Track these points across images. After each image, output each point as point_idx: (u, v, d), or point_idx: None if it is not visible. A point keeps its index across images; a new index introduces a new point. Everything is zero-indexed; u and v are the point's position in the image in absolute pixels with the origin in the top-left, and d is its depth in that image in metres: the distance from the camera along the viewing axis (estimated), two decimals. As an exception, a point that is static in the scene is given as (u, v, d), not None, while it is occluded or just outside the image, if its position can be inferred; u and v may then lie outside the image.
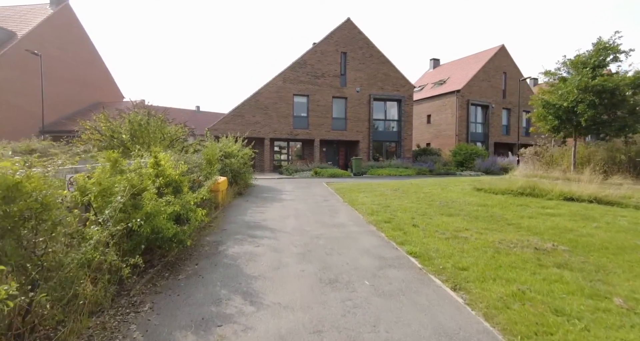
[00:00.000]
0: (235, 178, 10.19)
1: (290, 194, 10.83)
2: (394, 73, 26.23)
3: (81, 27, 26.67)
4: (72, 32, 25.58)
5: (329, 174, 18.96)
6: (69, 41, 25.17)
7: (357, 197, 9.60)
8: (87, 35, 27.17)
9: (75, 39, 25.97)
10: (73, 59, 25.44)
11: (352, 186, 12.20)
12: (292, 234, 5.80)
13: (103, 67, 28.40)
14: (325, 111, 24.61)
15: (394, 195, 9.59)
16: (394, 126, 27.07)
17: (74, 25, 25.93)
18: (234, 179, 10.13)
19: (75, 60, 25.70)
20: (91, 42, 27.58)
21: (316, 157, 24.54)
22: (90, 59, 27.22)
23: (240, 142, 12.73)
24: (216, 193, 7.86)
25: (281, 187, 12.81)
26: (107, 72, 28.87)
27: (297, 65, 24.00)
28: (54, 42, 23.73)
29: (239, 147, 11.56)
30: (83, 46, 26.63)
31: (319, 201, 9.43)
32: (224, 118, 22.94)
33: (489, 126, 30.18)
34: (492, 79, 30.27)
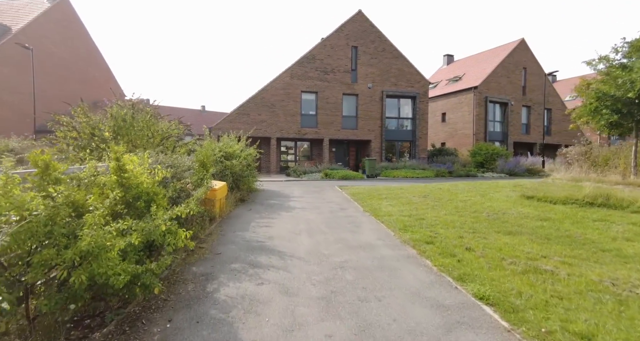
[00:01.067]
0: (236, 183, 8.82)
1: (299, 200, 9.41)
2: (408, 68, 24.69)
3: (80, 23, 25.63)
4: (71, 27, 24.54)
5: (340, 176, 17.52)
6: (67, 37, 24.12)
7: (379, 205, 8.15)
8: (86, 31, 26.13)
9: (74, 35, 24.92)
10: (72, 56, 24.40)
11: (369, 191, 10.74)
12: (308, 261, 4.37)
13: (104, 64, 27.34)
14: (335, 109, 23.18)
15: (424, 203, 8.11)
16: (408, 125, 25.51)
17: (73, 20, 24.89)
18: (235, 183, 8.75)
19: (74, 57, 24.66)
20: (91, 39, 26.54)
21: (325, 158, 23.13)
22: (90, 56, 26.17)
23: (243, 142, 11.38)
24: (212, 202, 6.48)
25: (289, 191, 11.40)
26: (108, 70, 27.81)
27: (305, 60, 22.61)
28: (51, 38, 22.69)
29: (241, 147, 10.20)
30: (82, 43, 25.59)
31: (334, 209, 7.99)
32: (228, 117, 21.64)
33: (508, 124, 28.43)
34: (512, 75, 28.52)
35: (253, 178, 10.23)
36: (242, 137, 11.60)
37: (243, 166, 9.03)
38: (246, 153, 9.72)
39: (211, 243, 5.13)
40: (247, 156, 9.62)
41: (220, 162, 8.61)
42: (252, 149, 10.81)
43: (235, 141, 10.63)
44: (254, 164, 11.16)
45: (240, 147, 10.00)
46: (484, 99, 27.37)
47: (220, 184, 7.00)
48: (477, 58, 32.12)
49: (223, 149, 9.11)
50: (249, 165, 10.02)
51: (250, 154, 10.23)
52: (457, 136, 29.44)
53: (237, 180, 8.77)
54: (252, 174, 10.53)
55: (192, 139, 9.10)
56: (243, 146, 10.92)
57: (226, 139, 10.67)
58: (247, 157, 9.59)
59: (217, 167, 8.33)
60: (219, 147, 9.11)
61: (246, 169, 9.36)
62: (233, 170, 8.58)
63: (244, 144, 11.37)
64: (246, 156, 9.58)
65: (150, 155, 4.49)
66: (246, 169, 9.36)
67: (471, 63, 32.11)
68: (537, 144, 30.10)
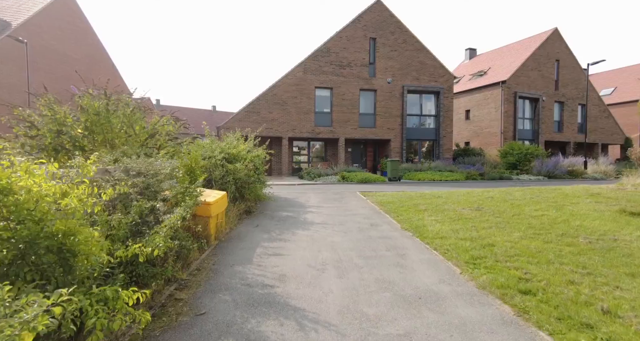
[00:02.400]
0: (241, 191, 7.18)
1: (318, 212, 7.72)
2: (431, 61, 22.73)
3: (85, 19, 24.62)
4: (74, 23, 23.51)
5: (359, 179, 15.75)
6: (70, 33, 23.10)
7: (421, 221, 6.38)
8: (91, 28, 25.11)
9: (78, 32, 23.90)
10: (75, 53, 23.37)
11: (400, 199, 8.96)
12: (344, 333, 2.66)
13: (108, 62, 26.29)
14: (351, 106, 21.43)
15: (482, 219, 6.29)
16: (431, 123, 23.55)
17: (77, 16, 23.87)
18: (239, 192, 7.12)
19: (78, 54, 23.62)
20: (96, 36, 25.51)
21: (341, 158, 21.40)
22: (94, 54, 25.12)
23: (251, 142, 9.78)
24: (205, 220, 4.85)
25: (304, 199, 9.71)
26: (114, 68, 26.75)
27: (319, 53, 20.94)
28: (53, 34, 21.67)
29: (248, 148, 8.57)
30: (86, 40, 24.55)
31: (364, 226, 6.26)
32: (237, 115, 20.14)
33: (539, 121, 26.11)
34: (543, 68, 26.19)
35: (261, 185, 8.58)
36: (250, 136, 10.00)
37: (249, 170, 7.38)
38: (253, 155, 8.08)
39: (196, 288, 3.47)
40: (254, 158, 7.98)
41: (222, 166, 6.98)
42: (260, 150, 9.18)
43: (241, 140, 9.03)
44: (262, 168, 9.53)
45: (247, 147, 8.37)
46: (512, 95, 25.15)
47: (217, 195, 5.36)
48: (503, 51, 29.83)
49: (225, 150, 7.49)
50: (257, 169, 8.38)
51: (259, 156, 8.59)
52: (482, 134, 27.28)
53: (242, 188, 7.14)
54: (261, 179, 8.89)
55: (189, 138, 7.53)
56: (250, 147, 9.31)
57: (231, 138, 9.09)
58: (254, 159, 7.94)
59: (217, 172, 6.70)
60: (221, 147, 7.49)
61: (253, 173, 7.70)
62: (237, 176, 6.94)
63: (252, 144, 9.78)
64: (253, 158, 7.94)
65: (92, 162, 2.85)
66: (253, 173, 7.70)
67: (497, 56, 29.85)
68: (570, 143, 27.67)
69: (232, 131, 10.30)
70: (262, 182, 9.10)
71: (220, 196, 5.45)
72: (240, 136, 9.25)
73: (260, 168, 9.43)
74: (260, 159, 9.40)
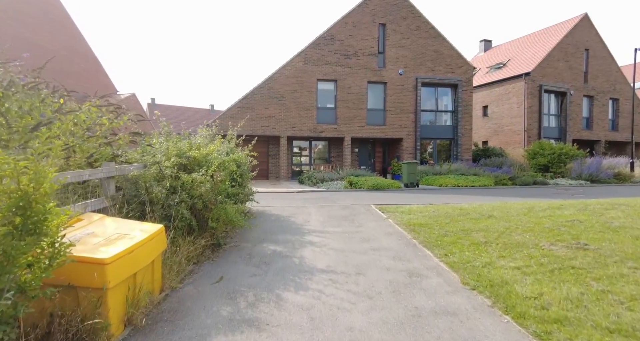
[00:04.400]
0: (201, 217, 4.67)
1: (321, 244, 5.20)
2: (447, 50, 20.17)
3: (62, 8, 22.28)
4: (49, 11, 21.18)
5: (370, 185, 13.23)
6: (44, 23, 20.77)
7: (491, 267, 3.86)
8: (69, 18, 22.77)
9: (54, 21, 21.57)
10: (51, 44, 21.02)
11: (436, 220, 6.43)
12: None
13: (90, 55, 23.94)
14: (358, 101, 18.92)
15: (594, 266, 3.76)
16: (447, 119, 20.99)
17: (51, 4, 21.52)
18: (198, 219, 4.61)
19: (54, 45, 21.26)
20: (76, 28, 23.18)
21: (346, 160, 18.90)
22: (74, 47, 22.78)
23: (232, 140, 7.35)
24: (95, 294, 2.34)
25: (303, 218, 7.21)
26: (97, 62, 24.41)
27: (321, 41, 18.45)
28: (22, 21, 19.33)
29: (221, 149, 6.09)
30: (64, 30, 22.21)
31: (398, 280, 3.74)
32: (228, 111, 17.69)
33: (567, 118, 23.48)
34: (571, 59, 23.56)
35: (239, 204, 6.07)
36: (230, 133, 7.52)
37: (218, 182, 4.87)
38: (228, 159, 5.56)
39: None
40: (228, 163, 5.47)
41: (173, 178, 4.49)
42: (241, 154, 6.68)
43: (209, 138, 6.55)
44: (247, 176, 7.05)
45: (218, 148, 5.87)
46: (537, 88, 22.55)
47: (134, 239, 2.89)
48: (524, 41, 27.19)
49: (184, 152, 4.99)
50: (235, 179, 5.89)
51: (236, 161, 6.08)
52: (502, 132, 24.68)
53: (203, 211, 4.63)
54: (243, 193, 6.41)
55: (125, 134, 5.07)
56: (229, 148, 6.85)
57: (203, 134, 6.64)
58: (228, 165, 5.43)
59: (158, 189, 4.19)
60: (178, 148, 4.99)
61: (226, 187, 5.18)
62: (195, 192, 4.44)
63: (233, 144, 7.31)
64: (227, 163, 5.42)
65: None
66: (226, 187, 5.18)
67: (517, 47, 27.22)
68: (600, 142, 24.99)
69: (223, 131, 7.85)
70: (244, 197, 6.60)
71: (142, 240, 2.96)
72: (210, 133, 6.76)
73: (245, 176, 6.94)
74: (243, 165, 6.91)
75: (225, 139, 7.46)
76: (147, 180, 4.23)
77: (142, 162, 4.62)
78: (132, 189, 4.18)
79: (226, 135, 7.79)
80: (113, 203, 3.88)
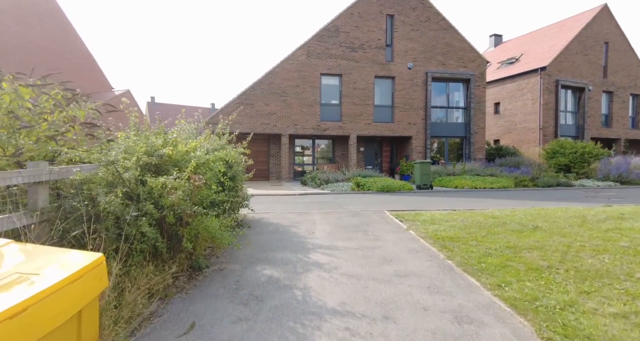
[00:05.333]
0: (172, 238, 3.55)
1: (330, 267, 4.07)
2: (459, 43, 18.97)
3: (53, 2, 21.27)
4: (39, 4, 20.16)
5: (380, 187, 12.07)
6: (34, 14, 19.76)
7: (579, 312, 2.72)
8: (62, 12, 21.76)
9: (45, 16, 20.56)
10: (42, 40, 20.03)
11: (468, 231, 5.29)
12: None
13: (84, 51, 22.93)
14: (364, 97, 17.78)
15: None
16: (459, 116, 19.79)
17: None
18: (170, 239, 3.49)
19: (46, 41, 20.29)
20: (69, 23, 22.17)
21: (352, 159, 17.76)
22: (66, 43, 21.77)
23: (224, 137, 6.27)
24: None
25: (306, 228, 6.08)
26: (91, 59, 23.40)
27: (325, 33, 17.31)
28: (11, 14, 18.33)
29: (207, 146, 4.97)
30: (56, 25, 21.21)
31: (446, 331, 2.62)
32: (226, 108, 16.59)
33: (585, 115, 22.20)
34: (590, 52, 22.27)
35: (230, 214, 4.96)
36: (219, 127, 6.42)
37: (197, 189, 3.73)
38: (214, 158, 4.43)
39: None
40: (214, 163, 4.35)
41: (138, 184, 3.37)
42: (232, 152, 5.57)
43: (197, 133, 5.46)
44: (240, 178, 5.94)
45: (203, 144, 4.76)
46: (554, 83, 21.29)
47: (27, 291, 1.75)
48: (537, 35, 25.92)
49: (155, 149, 3.87)
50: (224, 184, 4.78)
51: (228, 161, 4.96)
52: (515, 131, 23.43)
53: (176, 227, 3.50)
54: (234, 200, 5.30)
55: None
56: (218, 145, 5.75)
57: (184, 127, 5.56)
58: (214, 166, 4.31)
59: (108, 200, 3.04)
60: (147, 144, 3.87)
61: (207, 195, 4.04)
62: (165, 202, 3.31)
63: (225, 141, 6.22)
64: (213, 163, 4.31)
65: None
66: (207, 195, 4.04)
67: (529, 42, 25.95)
68: (620, 140, 23.69)
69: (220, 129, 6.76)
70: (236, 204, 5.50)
71: (55, 285, 1.85)
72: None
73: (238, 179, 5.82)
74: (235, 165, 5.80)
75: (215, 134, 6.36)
76: (95, 187, 3.12)
77: (96, 162, 3.50)
78: (75, 199, 3.07)
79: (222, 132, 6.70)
80: (42, 219, 2.78)
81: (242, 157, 6.48)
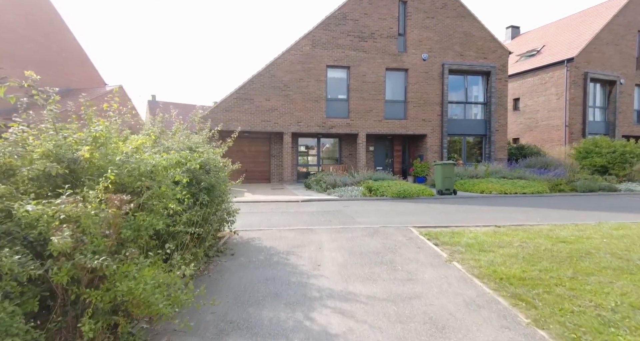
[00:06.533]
0: (64, 314, 2.02)
1: (348, 335, 2.50)
2: (478, 32, 17.25)
3: (43, -9, 19.93)
4: (27, -6, 18.82)
5: (395, 192, 10.44)
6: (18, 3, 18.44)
7: None
8: (49, 2, 20.43)
9: (33, 6, 19.25)
10: (26, 31, 18.69)
11: (541, 264, 3.69)
12: None
13: (74, 44, 21.60)
14: (374, 91, 16.15)
15: None
16: (478, 113, 18.06)
17: (29, -16, 19.18)
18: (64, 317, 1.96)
19: (32, 31, 18.95)
20: (57, 14, 20.85)
21: (361, 160, 16.15)
22: (55, 35, 20.44)
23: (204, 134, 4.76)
24: None
25: (309, 257, 4.49)
26: (82, 52, 22.07)
27: (332, 21, 15.72)
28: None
29: (154, 143, 3.42)
30: (43, 13, 19.89)
31: None
32: (223, 103, 15.07)
33: (615, 111, 20.32)
34: (621, 42, 20.37)
35: (198, 246, 3.40)
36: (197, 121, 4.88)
37: (118, 218, 2.19)
38: (166, 163, 2.86)
39: None
40: (167, 169, 2.80)
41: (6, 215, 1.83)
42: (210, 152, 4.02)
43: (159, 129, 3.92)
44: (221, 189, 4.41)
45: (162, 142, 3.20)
46: (582, 77, 19.43)
47: None
48: (560, 25, 24.03)
49: (62, 151, 2.34)
50: (183, 202, 3.21)
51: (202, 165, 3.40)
52: (537, 128, 21.61)
53: (73, 291, 1.96)
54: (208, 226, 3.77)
55: None
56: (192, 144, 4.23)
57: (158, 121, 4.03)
58: (165, 176, 2.76)
59: None
60: (53, 143, 2.33)
61: (150, 225, 2.49)
62: (54, 248, 1.78)
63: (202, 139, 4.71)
64: (165, 170, 2.76)
65: None
66: (150, 225, 2.49)
67: (552, 32, 24.07)
68: (653, 139, 21.69)
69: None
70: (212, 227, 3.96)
71: None
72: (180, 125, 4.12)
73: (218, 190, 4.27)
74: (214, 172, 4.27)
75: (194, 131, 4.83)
76: None
77: None
78: None
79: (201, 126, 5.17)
80: None
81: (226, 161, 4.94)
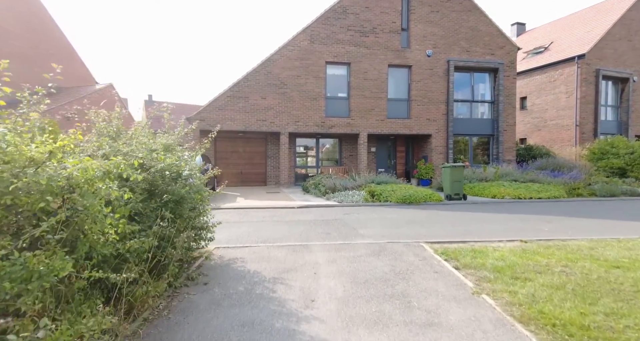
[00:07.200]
0: None
1: None
2: (485, 27, 16.38)
3: (30, -15, 19.09)
4: (11, -13, 17.99)
5: (400, 198, 9.57)
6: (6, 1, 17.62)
7: None
8: None
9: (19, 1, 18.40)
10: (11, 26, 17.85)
11: (602, 304, 2.87)
12: None
13: (62, 40, 20.76)
14: (376, 89, 15.29)
15: None
16: (485, 112, 17.19)
17: (14, -23, 18.34)
18: None
19: (17, 27, 18.11)
20: (45, 9, 20.00)
21: (362, 161, 15.28)
22: (42, 31, 19.61)
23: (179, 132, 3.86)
24: None
25: (301, 288, 3.61)
26: (70, 49, 21.22)
27: (331, 15, 14.86)
28: (-26, -3, 16.18)
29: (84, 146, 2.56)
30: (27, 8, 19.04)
31: None
32: (215, 101, 14.20)
33: (629, 110, 19.44)
34: (635, 37, 19.50)
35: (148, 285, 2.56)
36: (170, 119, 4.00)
37: None
38: (91, 172, 2.02)
39: None
40: (93, 181, 1.95)
41: None
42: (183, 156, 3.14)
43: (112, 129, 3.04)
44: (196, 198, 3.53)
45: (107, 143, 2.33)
46: (593, 74, 18.57)
47: None
48: (568, 21, 23.16)
49: None
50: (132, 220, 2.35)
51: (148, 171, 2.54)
52: (545, 128, 20.74)
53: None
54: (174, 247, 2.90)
55: None
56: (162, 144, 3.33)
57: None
58: (89, 194, 1.90)
59: None
60: None
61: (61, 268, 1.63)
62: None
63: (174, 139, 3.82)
64: (90, 183, 1.91)
65: None
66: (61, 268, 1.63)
67: (559, 28, 23.19)
68: (666, 139, 20.81)
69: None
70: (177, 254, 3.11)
71: None
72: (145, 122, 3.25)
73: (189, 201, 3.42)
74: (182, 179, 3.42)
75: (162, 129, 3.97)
76: None
77: None
78: None
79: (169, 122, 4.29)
80: None
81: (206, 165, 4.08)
